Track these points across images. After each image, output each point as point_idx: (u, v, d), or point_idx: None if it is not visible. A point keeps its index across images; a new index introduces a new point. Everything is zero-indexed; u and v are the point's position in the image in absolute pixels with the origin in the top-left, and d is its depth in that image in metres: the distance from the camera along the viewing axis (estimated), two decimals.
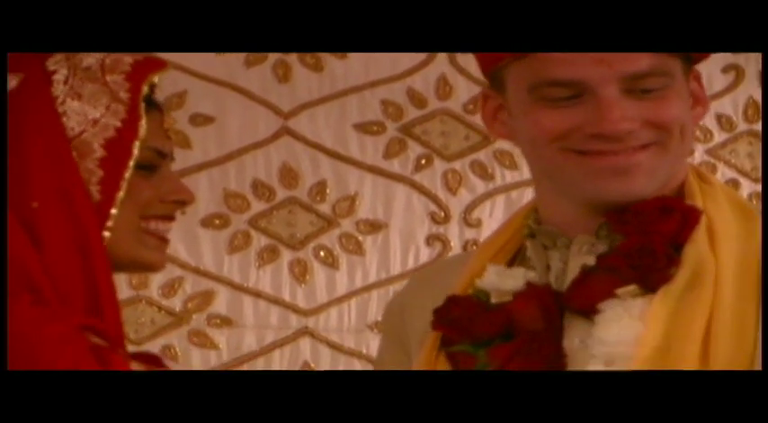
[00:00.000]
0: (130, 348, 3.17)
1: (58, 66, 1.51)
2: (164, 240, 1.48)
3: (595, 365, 1.52)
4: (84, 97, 1.46)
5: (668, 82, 1.50)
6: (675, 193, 1.49)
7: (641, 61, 1.56)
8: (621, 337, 1.48)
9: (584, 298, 1.48)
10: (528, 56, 1.50)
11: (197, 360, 3.27)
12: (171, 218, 1.49)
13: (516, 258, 1.56)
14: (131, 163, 1.41)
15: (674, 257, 1.45)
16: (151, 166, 1.44)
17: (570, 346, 1.51)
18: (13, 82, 1.47)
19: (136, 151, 1.41)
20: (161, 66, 1.60)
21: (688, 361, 1.54)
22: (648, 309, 1.46)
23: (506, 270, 1.54)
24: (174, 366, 3.28)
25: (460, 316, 1.53)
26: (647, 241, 1.47)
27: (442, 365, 1.59)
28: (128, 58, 1.59)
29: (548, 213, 1.52)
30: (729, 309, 1.46)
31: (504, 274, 1.54)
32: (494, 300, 1.51)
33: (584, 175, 1.42)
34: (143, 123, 1.43)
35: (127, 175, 1.39)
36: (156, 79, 1.54)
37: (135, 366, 1.59)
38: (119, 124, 1.44)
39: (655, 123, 1.42)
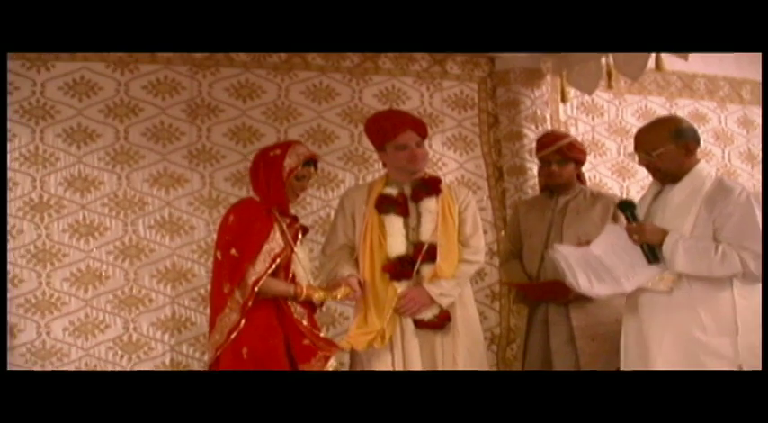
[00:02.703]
0: None
1: (290, 158, 4.17)
2: (298, 196, 4.31)
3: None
4: (290, 158, 4.17)
5: (421, 143, 4.48)
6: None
7: (418, 138, 4.42)
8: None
9: (421, 196, 4.42)
10: (394, 140, 4.36)
11: None
12: (300, 192, 4.31)
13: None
14: (291, 177, 4.16)
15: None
16: (299, 177, 4.19)
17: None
18: (277, 151, 4.20)
19: (293, 173, 4.16)
20: (314, 156, 4.30)
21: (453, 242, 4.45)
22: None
23: (393, 188, 4.47)
24: None
25: (396, 200, 4.42)
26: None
27: (376, 220, 4.38)
28: (304, 149, 4.28)
29: (396, 175, 4.47)
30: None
31: (394, 188, 4.47)
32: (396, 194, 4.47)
33: (405, 169, 4.46)
34: (299, 169, 4.17)
35: (289, 178, 4.15)
36: (310, 157, 4.24)
37: (283, 222, 4.20)
38: (294, 166, 4.17)
39: (424, 155, 4.49)
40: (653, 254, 3.73)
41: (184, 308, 5.27)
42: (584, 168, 5.61)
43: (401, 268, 4.33)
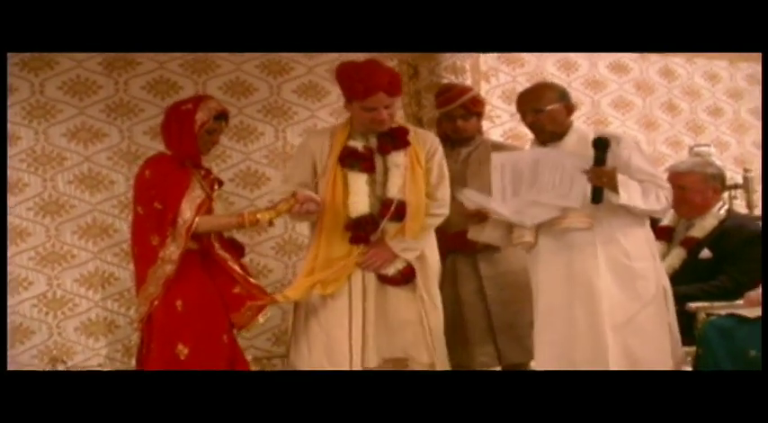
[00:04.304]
0: None
1: (201, 112, 4.18)
2: (209, 149, 4.29)
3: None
4: (202, 111, 4.16)
5: (391, 103, 4.17)
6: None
7: (389, 100, 4.11)
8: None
9: (388, 149, 4.19)
10: (362, 101, 4.08)
11: None
12: (211, 146, 4.28)
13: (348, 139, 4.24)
14: (202, 130, 4.16)
15: None
16: (210, 131, 4.19)
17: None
18: (189, 105, 4.19)
19: (204, 127, 4.16)
20: (225, 110, 4.30)
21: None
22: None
23: (358, 141, 4.23)
24: None
25: (363, 155, 4.20)
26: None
27: (340, 174, 4.16)
28: (215, 103, 4.27)
29: (360, 127, 4.20)
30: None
31: (359, 141, 4.23)
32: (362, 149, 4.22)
33: (368, 128, 4.21)
34: (210, 123, 4.17)
35: (200, 132, 4.15)
36: (221, 111, 4.24)
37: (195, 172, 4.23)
38: (205, 119, 4.16)
39: (392, 115, 4.19)
40: (600, 194, 3.88)
41: (107, 263, 5.29)
42: (505, 119, 5.70)
43: (361, 231, 4.21)
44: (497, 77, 6.12)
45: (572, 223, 3.93)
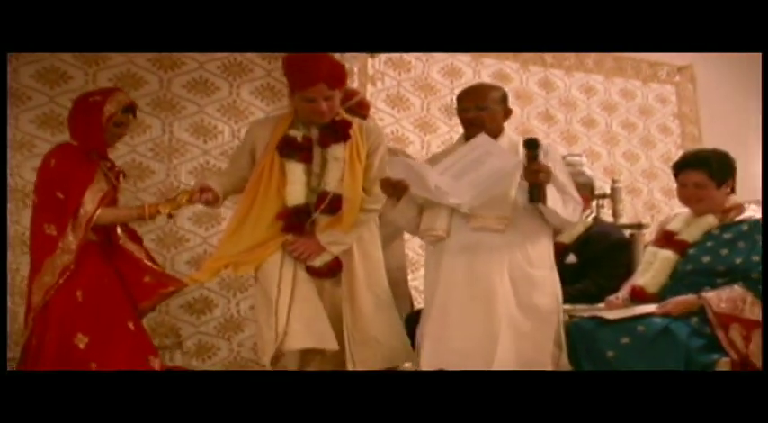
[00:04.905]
0: None
1: (110, 104, 4.26)
2: (115, 142, 4.43)
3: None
4: (110, 104, 4.24)
5: (332, 95, 4.12)
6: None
7: (329, 92, 4.09)
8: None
9: (328, 142, 4.16)
10: (301, 92, 4.07)
11: None
12: (117, 139, 4.42)
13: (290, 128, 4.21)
14: (110, 123, 4.25)
15: None
16: (117, 123, 4.28)
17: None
18: (98, 97, 4.27)
19: (111, 119, 4.24)
20: (133, 103, 4.38)
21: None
22: None
23: (299, 131, 4.20)
24: None
25: (300, 145, 4.17)
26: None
27: (277, 162, 4.13)
28: (123, 96, 4.36)
29: (303, 117, 4.14)
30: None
31: (300, 131, 4.21)
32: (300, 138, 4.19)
33: (308, 119, 4.18)
34: (118, 115, 4.27)
35: (107, 124, 4.25)
36: (129, 104, 4.34)
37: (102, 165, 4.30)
38: (113, 111, 4.25)
39: (332, 107, 4.12)
40: (538, 192, 3.82)
41: None
42: (388, 122, 5.84)
43: (295, 221, 4.17)
44: (383, 81, 6.26)
45: (488, 224, 3.90)
